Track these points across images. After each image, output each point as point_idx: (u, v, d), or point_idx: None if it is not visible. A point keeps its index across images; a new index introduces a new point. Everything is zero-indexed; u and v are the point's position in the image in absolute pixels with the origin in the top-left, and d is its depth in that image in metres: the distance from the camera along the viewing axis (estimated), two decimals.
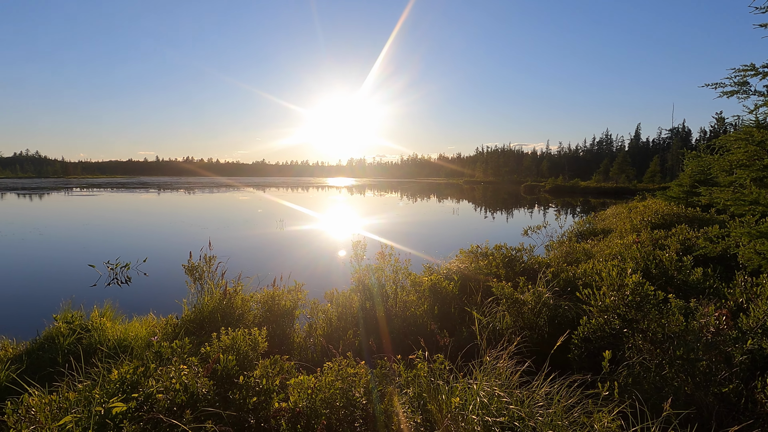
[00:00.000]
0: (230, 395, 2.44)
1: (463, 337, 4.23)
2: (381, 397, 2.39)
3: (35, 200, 37.37)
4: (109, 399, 2.23)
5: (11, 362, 4.67)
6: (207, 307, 4.88)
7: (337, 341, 4.45)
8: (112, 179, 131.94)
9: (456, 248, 8.20)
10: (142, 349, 4.36)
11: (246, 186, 75.60)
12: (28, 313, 7.34)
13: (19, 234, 16.17)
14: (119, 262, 10.01)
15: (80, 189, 60.10)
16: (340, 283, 9.00)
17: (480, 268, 6.24)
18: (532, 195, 54.45)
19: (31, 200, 37.17)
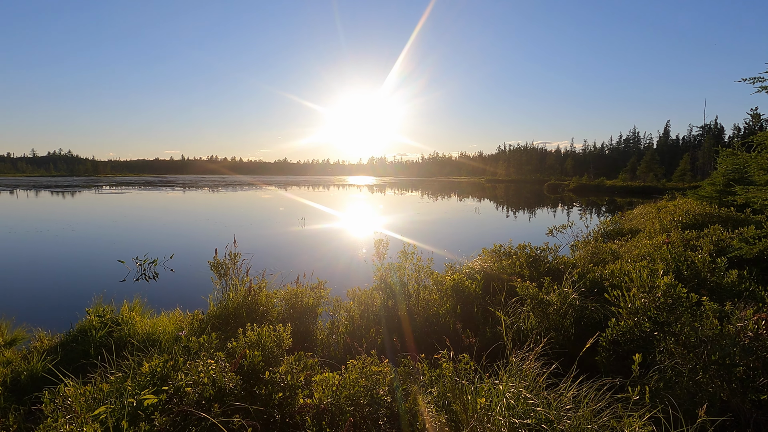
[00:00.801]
0: (256, 390, 2.48)
1: (487, 337, 4.18)
2: (405, 395, 2.38)
3: (68, 198, 38.82)
4: (141, 391, 2.29)
5: (47, 353, 4.87)
6: (232, 303, 4.96)
7: (359, 339, 4.46)
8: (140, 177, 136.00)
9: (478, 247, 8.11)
10: (170, 343, 4.47)
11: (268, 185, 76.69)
12: (61, 307, 7.62)
13: (53, 230, 16.82)
14: (147, 259, 10.29)
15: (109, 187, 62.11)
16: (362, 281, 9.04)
17: (503, 268, 6.16)
18: (556, 194, 53.44)
19: (64, 198, 38.63)
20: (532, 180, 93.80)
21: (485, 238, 15.53)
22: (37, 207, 29.32)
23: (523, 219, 23.75)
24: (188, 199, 38.29)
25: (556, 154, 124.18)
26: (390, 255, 5.52)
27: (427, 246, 13.06)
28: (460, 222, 21.96)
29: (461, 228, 19.64)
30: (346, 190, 60.58)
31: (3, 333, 5.67)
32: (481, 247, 7.74)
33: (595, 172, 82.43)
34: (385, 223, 21.08)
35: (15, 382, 4.25)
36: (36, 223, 19.00)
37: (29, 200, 35.75)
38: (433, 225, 20.38)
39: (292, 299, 4.79)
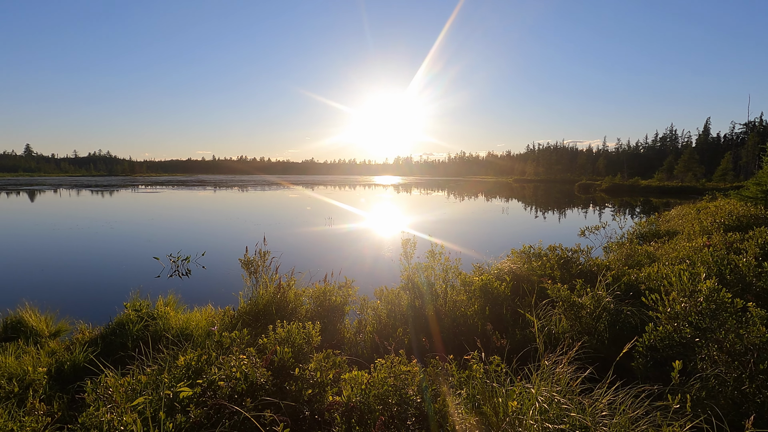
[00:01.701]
0: (287, 386, 2.51)
1: (517, 339, 4.11)
2: (434, 396, 2.36)
3: (106, 196, 40.56)
4: (177, 384, 2.36)
5: (88, 345, 5.09)
6: (262, 300, 5.05)
7: (386, 338, 4.46)
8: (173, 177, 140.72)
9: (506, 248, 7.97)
10: (202, 338, 4.59)
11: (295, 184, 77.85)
12: (101, 300, 7.96)
13: (93, 228, 17.61)
14: (180, 255, 10.62)
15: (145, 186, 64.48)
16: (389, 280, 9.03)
17: (533, 269, 6.03)
18: (587, 194, 51.95)
19: (103, 197, 40.36)
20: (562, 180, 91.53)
21: (514, 239, 15.26)
22: (79, 205, 30.76)
23: (552, 220, 23.21)
24: (219, 199, 39.31)
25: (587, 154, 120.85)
26: (417, 255, 5.50)
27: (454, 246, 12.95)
28: (488, 222, 21.66)
29: (489, 228, 19.37)
30: (371, 190, 60.78)
31: (48, 325, 5.97)
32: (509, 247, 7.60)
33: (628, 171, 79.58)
34: (411, 222, 21.03)
35: (59, 372, 4.46)
36: (78, 221, 19.93)
37: (71, 199, 37.55)
38: (460, 225, 20.19)
39: (320, 297, 4.84)
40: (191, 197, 40.66)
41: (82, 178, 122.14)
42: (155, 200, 36.07)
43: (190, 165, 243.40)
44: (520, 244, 7.39)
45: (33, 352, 4.95)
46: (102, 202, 33.60)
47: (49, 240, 14.80)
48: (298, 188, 61.46)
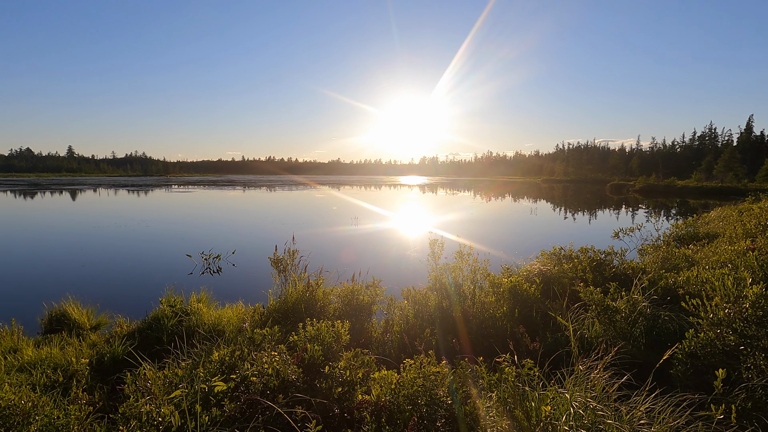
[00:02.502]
0: (317, 384, 2.54)
1: (548, 343, 4.02)
2: (464, 398, 2.34)
3: (141, 196, 42.12)
4: (211, 378, 2.42)
5: (126, 338, 5.30)
6: (291, 298, 5.13)
7: (414, 339, 4.45)
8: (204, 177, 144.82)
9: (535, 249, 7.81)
10: (234, 334, 4.70)
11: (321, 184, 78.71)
12: (137, 295, 8.26)
13: (130, 226, 18.32)
14: (212, 253, 10.91)
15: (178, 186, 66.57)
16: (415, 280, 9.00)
17: (564, 272, 5.89)
18: (620, 195, 50.30)
19: (138, 196, 41.93)
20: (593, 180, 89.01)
21: (543, 241, 14.95)
22: (117, 205, 32.06)
23: (583, 221, 22.60)
24: (248, 198, 40.17)
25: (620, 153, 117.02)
26: (445, 255, 5.46)
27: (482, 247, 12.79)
28: (516, 223, 21.30)
29: (517, 229, 19.04)
30: (397, 190, 60.78)
31: (89, 318, 6.25)
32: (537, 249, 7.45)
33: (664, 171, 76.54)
34: (436, 223, 20.91)
35: (99, 363, 4.66)
36: (116, 220, 20.78)
37: (110, 198, 39.18)
38: (487, 226, 19.92)
39: (348, 296, 4.87)
40: (221, 197, 41.72)
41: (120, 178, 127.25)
42: (187, 200, 37.20)
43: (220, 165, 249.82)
44: (550, 245, 7.22)
45: (75, 343, 5.19)
46: (138, 202, 34.92)
47: (90, 237, 15.49)
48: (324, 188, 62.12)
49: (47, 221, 20.68)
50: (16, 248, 13.43)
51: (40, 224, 19.38)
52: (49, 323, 6.15)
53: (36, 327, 6.15)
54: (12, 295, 8.40)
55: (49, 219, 21.75)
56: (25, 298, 8.11)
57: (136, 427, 2.32)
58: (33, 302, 7.19)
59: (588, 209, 30.22)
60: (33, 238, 15.54)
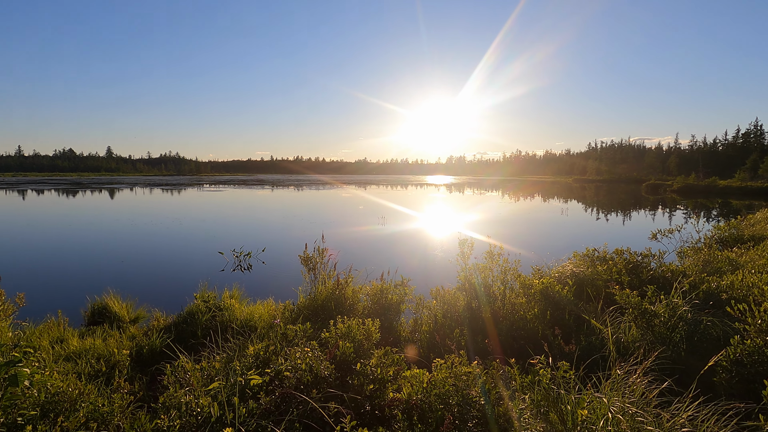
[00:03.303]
0: (349, 380, 2.57)
1: (582, 346, 3.92)
2: (497, 399, 2.31)
3: (175, 195, 43.57)
4: (247, 371, 2.49)
5: (163, 331, 5.50)
6: (320, 295, 5.20)
7: (443, 338, 4.43)
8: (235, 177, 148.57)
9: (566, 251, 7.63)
10: (265, 330, 4.80)
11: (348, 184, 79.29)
12: (172, 291, 8.55)
13: (165, 223, 18.99)
14: (242, 251, 11.17)
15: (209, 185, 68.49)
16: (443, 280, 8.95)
17: (598, 273, 5.73)
18: (656, 195, 48.43)
19: (172, 195, 43.39)
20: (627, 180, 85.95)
21: (574, 241, 14.57)
22: (152, 203, 33.29)
23: (616, 222, 21.89)
24: (276, 197, 40.92)
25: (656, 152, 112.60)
26: (474, 255, 5.40)
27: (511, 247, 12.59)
28: (546, 224, 20.84)
29: (547, 230, 18.63)
30: (424, 190, 60.53)
31: (128, 311, 6.52)
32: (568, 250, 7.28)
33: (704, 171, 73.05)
34: (464, 223, 20.71)
35: (138, 355, 4.85)
36: (151, 217, 21.59)
37: (146, 197, 40.72)
38: (516, 226, 19.58)
39: (377, 295, 4.90)
40: (251, 196, 42.66)
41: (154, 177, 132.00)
42: (219, 199, 38.24)
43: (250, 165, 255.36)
44: (581, 246, 7.04)
45: (116, 335, 5.43)
46: (171, 200, 36.15)
47: (128, 234, 16.15)
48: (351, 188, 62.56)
49: (89, 218, 21.70)
50: (61, 244, 14.15)
51: (83, 221, 20.36)
52: (91, 315, 6.45)
53: (80, 319, 6.46)
54: (58, 288, 8.86)
55: (90, 216, 22.81)
56: (70, 291, 8.53)
57: (176, 417, 2.40)
58: (77, 295, 7.56)
59: (622, 210, 29.25)
60: (76, 234, 16.34)
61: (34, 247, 13.44)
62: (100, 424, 2.76)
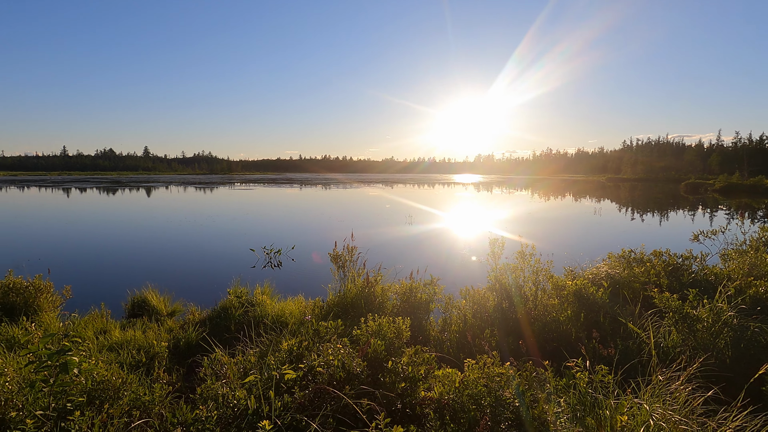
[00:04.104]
0: (380, 378, 2.58)
1: (618, 350, 3.80)
2: (532, 402, 2.27)
3: (208, 193, 44.87)
4: (281, 366, 2.54)
5: (198, 325, 5.68)
6: (350, 293, 5.24)
7: (474, 338, 4.39)
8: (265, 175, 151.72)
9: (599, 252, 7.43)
10: (296, 326, 4.89)
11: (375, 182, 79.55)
12: (206, 286, 8.81)
13: (198, 221, 19.59)
14: (273, 248, 11.39)
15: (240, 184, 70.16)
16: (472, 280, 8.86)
17: (635, 276, 5.54)
18: (696, 195, 46.32)
19: (205, 193, 44.70)
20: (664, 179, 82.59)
21: (608, 242, 14.14)
22: (187, 201, 34.42)
23: (653, 222, 21.08)
24: (304, 196, 41.51)
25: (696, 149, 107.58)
26: (505, 255, 5.33)
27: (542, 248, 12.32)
28: (578, 224, 20.30)
29: (579, 230, 18.14)
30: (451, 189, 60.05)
31: (166, 305, 6.76)
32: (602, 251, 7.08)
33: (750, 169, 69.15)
34: (492, 222, 20.42)
35: (175, 347, 5.03)
36: (185, 215, 22.32)
37: (180, 195, 42.13)
38: (546, 226, 19.15)
39: (407, 294, 4.90)
40: (280, 194, 43.45)
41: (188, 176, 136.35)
42: (249, 197, 39.13)
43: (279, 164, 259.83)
44: (616, 247, 6.82)
45: (155, 328, 5.65)
46: (205, 198, 37.26)
47: (164, 231, 16.76)
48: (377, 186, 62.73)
49: (128, 215, 22.65)
50: (103, 239, 14.83)
51: (123, 218, 21.28)
52: (132, 308, 6.73)
53: (121, 311, 6.75)
54: (101, 281, 9.29)
55: (130, 214, 23.80)
56: (112, 284, 8.93)
57: (213, 408, 2.48)
58: (118, 288, 7.91)
59: (659, 210, 28.13)
60: (117, 230, 17.09)
61: (79, 243, 14.15)
62: (142, 412, 2.88)
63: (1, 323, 5.06)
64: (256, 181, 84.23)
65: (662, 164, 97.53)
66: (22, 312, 5.70)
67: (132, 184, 68.16)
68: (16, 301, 5.76)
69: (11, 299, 5.76)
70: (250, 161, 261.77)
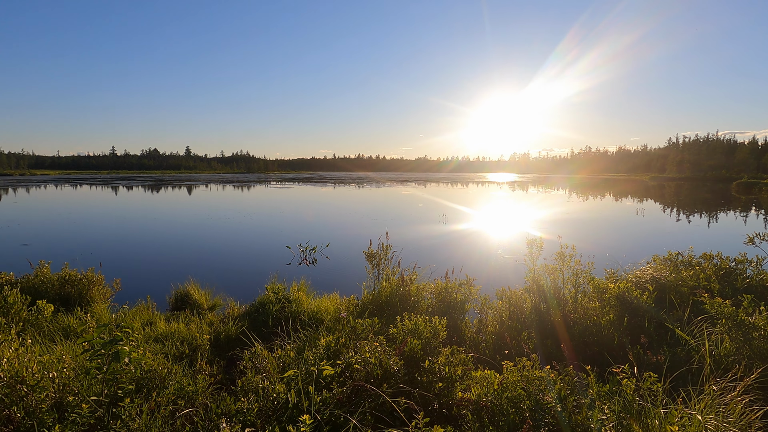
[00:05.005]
0: (417, 377, 2.58)
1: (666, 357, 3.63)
2: (575, 407, 2.20)
3: (245, 191, 46.18)
4: (319, 362, 2.58)
5: (237, 319, 5.86)
6: (384, 291, 5.26)
7: (509, 340, 4.31)
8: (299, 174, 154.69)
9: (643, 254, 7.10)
10: (332, 323, 4.96)
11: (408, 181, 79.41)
12: (244, 281, 9.08)
13: (236, 218, 20.20)
14: (308, 246, 11.59)
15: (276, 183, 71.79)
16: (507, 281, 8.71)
17: (683, 280, 5.27)
18: (749, 195, 43.48)
19: (242, 191, 46.02)
20: (713, 178, 78.06)
21: (652, 244, 13.52)
22: (225, 199, 35.57)
23: (701, 224, 19.98)
24: (338, 195, 41.98)
25: (750, 146, 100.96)
26: (543, 256, 5.19)
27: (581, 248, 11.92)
28: (619, 224, 19.52)
29: (620, 231, 17.44)
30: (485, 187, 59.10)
31: (206, 299, 7.02)
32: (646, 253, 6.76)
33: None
34: (528, 222, 19.95)
35: (216, 340, 5.21)
36: (224, 212, 23.08)
37: (219, 193, 43.58)
38: (584, 226, 18.52)
39: (442, 293, 4.87)
40: (314, 193, 44.14)
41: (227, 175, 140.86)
42: (285, 195, 39.99)
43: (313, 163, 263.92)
44: (661, 250, 6.51)
45: (197, 321, 5.87)
46: (242, 196, 38.39)
47: (204, 227, 17.40)
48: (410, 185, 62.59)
49: (171, 212, 23.66)
50: (148, 235, 15.56)
51: (166, 215, 22.25)
52: (175, 301, 7.02)
53: (165, 304, 7.06)
54: (146, 274, 9.75)
55: (172, 210, 24.86)
56: (156, 278, 9.35)
57: (254, 400, 2.55)
58: (162, 282, 8.28)
59: (708, 211, 26.61)
60: (161, 226, 17.89)
61: (126, 238, 14.91)
62: (186, 402, 3.00)
63: (58, 313, 5.41)
64: (291, 180, 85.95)
65: (711, 162, 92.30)
66: (77, 303, 6.07)
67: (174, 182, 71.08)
68: (71, 292, 6.13)
69: (67, 290, 6.13)
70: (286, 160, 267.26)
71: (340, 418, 2.11)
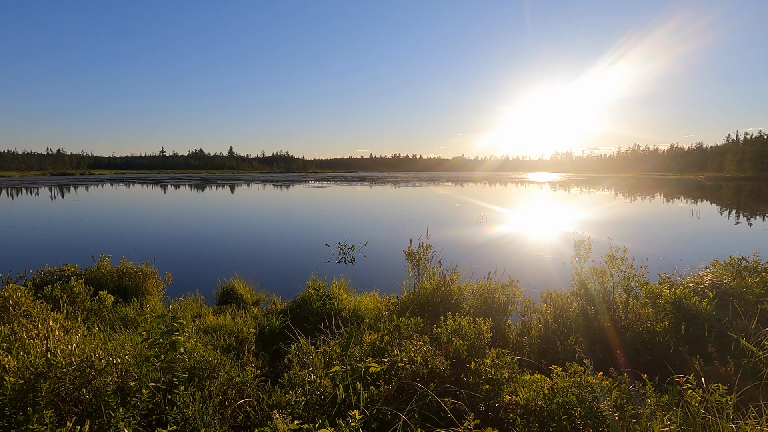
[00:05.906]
0: (463, 377, 2.54)
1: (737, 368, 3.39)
2: (632, 417, 2.10)
3: (284, 190, 47.33)
4: (364, 359, 2.60)
5: (281, 314, 6.01)
6: (425, 291, 5.23)
7: (554, 344, 4.17)
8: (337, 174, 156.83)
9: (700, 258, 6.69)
10: (372, 321, 4.98)
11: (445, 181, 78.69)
12: (286, 277, 9.29)
13: (277, 216, 20.74)
14: (347, 244, 11.72)
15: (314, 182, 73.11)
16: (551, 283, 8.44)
17: (748, 287, 4.91)
18: None
19: (281, 190, 47.19)
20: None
21: (711, 249, 12.72)
22: (267, 197, 36.61)
23: (765, 227, 18.57)
24: (375, 194, 42.21)
25: None
26: (592, 259, 4.99)
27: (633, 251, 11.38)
28: (672, 227, 18.47)
29: (673, 234, 16.50)
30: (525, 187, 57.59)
31: (251, 294, 7.25)
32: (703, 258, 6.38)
33: None
34: (570, 223, 19.25)
35: (260, 334, 5.37)
36: (266, 210, 23.76)
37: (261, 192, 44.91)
38: (633, 229, 17.65)
39: (484, 294, 4.78)
40: (352, 192, 44.60)
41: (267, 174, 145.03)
42: (323, 194, 40.67)
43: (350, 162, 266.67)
44: (722, 254, 6.10)
45: (242, 315, 6.07)
46: (283, 195, 39.38)
47: (247, 225, 17.98)
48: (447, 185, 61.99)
49: (216, 210, 24.64)
50: (196, 231, 16.27)
51: (211, 212, 23.19)
52: (221, 296, 7.30)
53: (212, 298, 7.35)
54: (194, 269, 10.19)
55: (217, 208, 25.88)
56: (204, 272, 9.76)
57: (301, 394, 2.60)
58: (209, 276, 8.62)
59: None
60: (207, 223, 18.66)
61: (175, 234, 15.65)
62: (236, 392, 3.11)
63: (117, 303, 5.75)
64: (329, 179, 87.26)
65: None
66: (133, 294, 6.43)
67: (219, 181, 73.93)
68: (128, 284, 6.50)
69: (124, 282, 6.51)
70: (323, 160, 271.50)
71: (387, 415, 2.12)
